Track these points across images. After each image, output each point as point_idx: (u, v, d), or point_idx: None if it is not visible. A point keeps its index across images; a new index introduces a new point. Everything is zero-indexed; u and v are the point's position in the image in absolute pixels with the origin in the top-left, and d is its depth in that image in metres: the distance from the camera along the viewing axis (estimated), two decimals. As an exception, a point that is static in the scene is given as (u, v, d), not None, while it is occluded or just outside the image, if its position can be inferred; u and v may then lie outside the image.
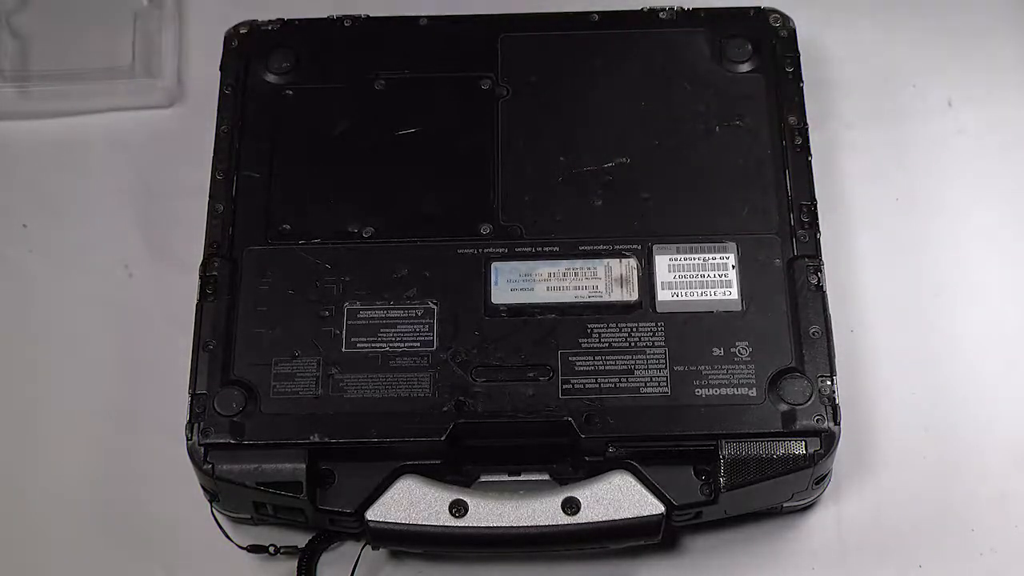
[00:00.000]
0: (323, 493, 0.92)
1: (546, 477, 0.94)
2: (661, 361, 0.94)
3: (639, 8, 1.07)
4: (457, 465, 0.93)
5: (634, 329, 0.95)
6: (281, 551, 0.96)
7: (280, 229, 0.99)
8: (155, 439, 0.99)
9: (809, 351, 0.94)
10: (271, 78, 1.04)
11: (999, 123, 1.10)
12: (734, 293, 0.96)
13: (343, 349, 0.95)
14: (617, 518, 0.91)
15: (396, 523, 0.91)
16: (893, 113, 1.11)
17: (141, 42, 1.13)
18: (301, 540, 0.96)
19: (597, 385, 0.93)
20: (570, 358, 0.94)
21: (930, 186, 1.08)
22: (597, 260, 0.97)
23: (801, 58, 1.04)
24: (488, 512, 0.91)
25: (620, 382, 0.93)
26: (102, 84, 1.12)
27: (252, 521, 0.96)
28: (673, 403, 0.92)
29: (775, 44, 1.04)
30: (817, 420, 0.92)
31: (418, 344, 0.95)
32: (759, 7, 1.06)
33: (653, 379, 0.93)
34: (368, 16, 1.07)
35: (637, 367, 0.94)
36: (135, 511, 0.99)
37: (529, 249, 0.98)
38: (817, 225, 0.98)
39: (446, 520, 0.91)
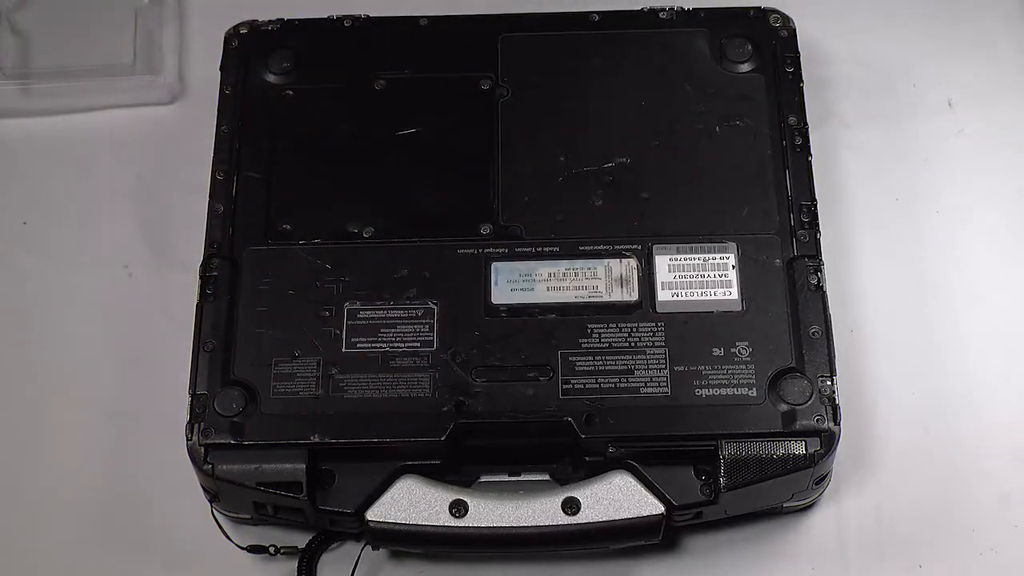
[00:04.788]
0: (323, 493, 0.92)
1: (546, 477, 0.94)
2: (661, 361, 0.94)
3: (639, 8, 1.07)
4: (457, 465, 0.93)
5: (634, 329, 0.95)
6: (281, 551, 0.96)
7: (280, 229, 0.99)
8: (155, 439, 0.99)
9: (809, 351, 0.94)
10: (271, 78, 1.04)
11: (999, 123, 1.10)
12: (734, 293, 0.96)
13: (343, 349, 0.95)
14: (617, 518, 0.91)
15: (396, 523, 0.91)
16: (893, 113, 1.11)
17: (142, 39, 1.14)
18: (301, 540, 0.96)
19: (597, 385, 0.93)
20: (570, 358, 0.94)
21: (930, 186, 1.08)
22: (597, 260, 0.97)
23: (801, 58, 1.04)
24: (488, 512, 0.91)
25: (620, 382, 0.93)
26: (103, 81, 1.12)
27: (252, 521, 0.96)
28: (673, 403, 0.93)
29: (775, 44, 1.04)
30: (817, 420, 0.92)
31: (418, 344, 0.95)
32: (759, 7, 1.06)
33: (653, 379, 0.93)
34: (368, 16, 1.07)
35: (637, 367, 0.94)
36: (135, 511, 0.99)
37: (529, 249, 0.98)
38: (817, 225, 0.98)
39: (446, 520, 0.91)
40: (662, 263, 0.97)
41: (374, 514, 0.91)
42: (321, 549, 0.96)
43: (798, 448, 0.91)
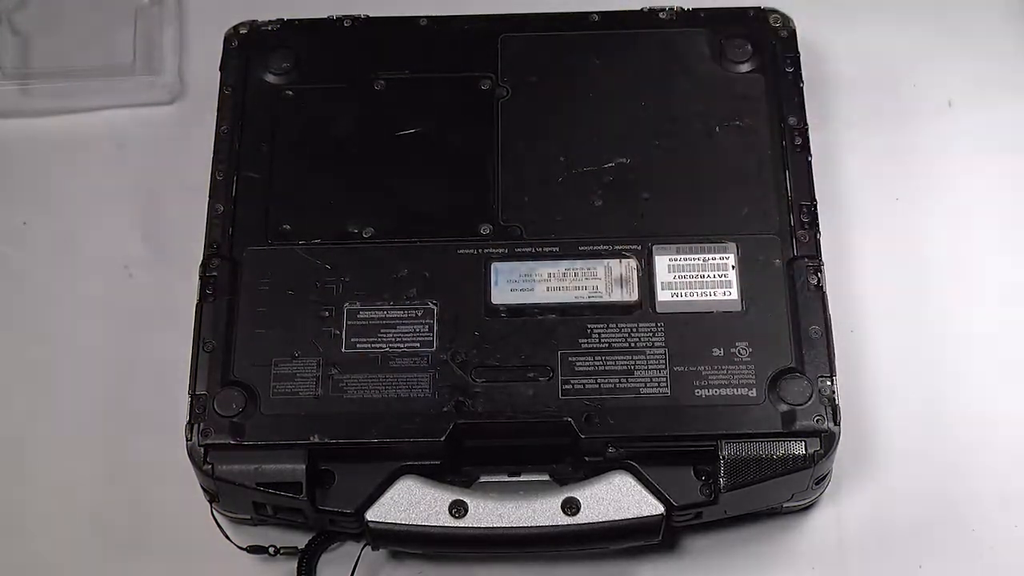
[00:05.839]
0: (323, 493, 0.92)
1: (546, 477, 0.94)
2: (661, 361, 0.94)
3: (639, 8, 1.07)
4: (457, 465, 0.93)
5: (634, 329, 0.95)
6: (281, 552, 0.96)
7: (280, 229, 0.99)
8: (155, 439, 0.99)
9: (809, 351, 0.94)
10: (271, 78, 1.04)
11: (999, 123, 1.10)
12: (734, 293, 0.96)
13: (343, 349, 0.95)
14: (617, 518, 0.91)
15: (396, 523, 0.91)
16: (893, 113, 1.11)
17: (142, 39, 1.14)
18: (301, 541, 0.96)
19: (597, 385, 0.93)
20: (570, 358, 0.94)
21: (930, 186, 1.08)
22: (597, 260, 0.97)
23: (801, 58, 1.04)
24: (488, 513, 0.91)
25: (620, 382, 0.93)
26: (103, 81, 1.12)
27: (252, 522, 0.96)
28: (673, 403, 0.93)
29: (775, 44, 1.04)
30: (817, 420, 0.92)
31: (418, 344, 0.95)
32: (759, 7, 1.06)
33: (653, 379, 0.93)
34: (368, 16, 1.07)
35: (637, 367, 0.94)
36: (135, 511, 0.99)
37: (529, 249, 0.98)
38: (817, 225, 0.98)
39: (446, 521, 0.91)
40: (662, 263, 0.97)
41: (374, 514, 0.91)
42: (321, 549, 0.96)
43: (798, 448, 0.91)
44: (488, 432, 0.93)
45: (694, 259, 0.97)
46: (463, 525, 0.91)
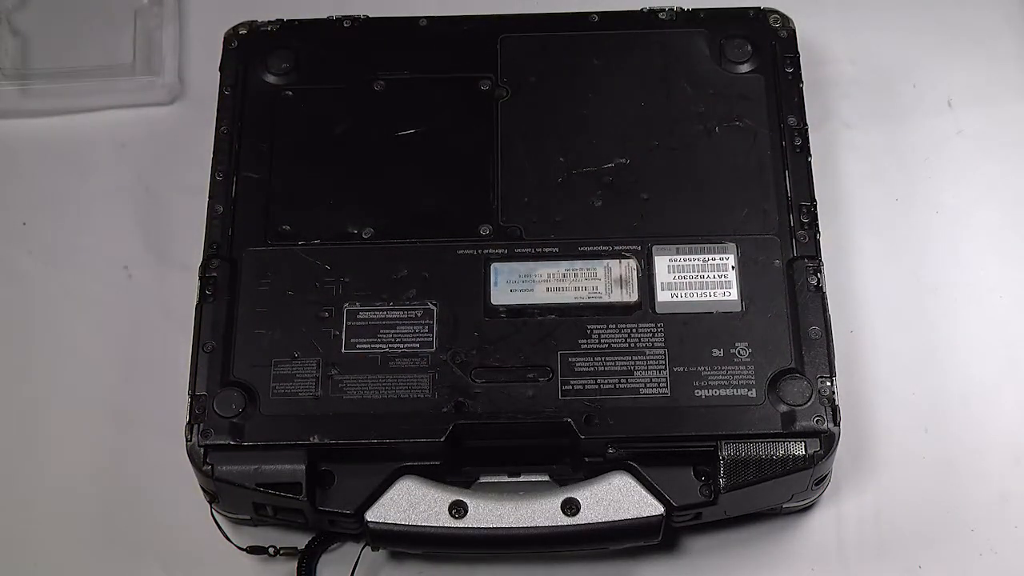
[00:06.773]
0: (323, 494, 0.92)
1: (546, 478, 0.94)
2: (661, 362, 0.94)
3: (639, 8, 1.07)
4: (457, 466, 0.94)
5: (634, 330, 0.95)
6: (281, 552, 0.96)
7: (280, 230, 0.99)
8: (155, 439, 0.99)
9: (809, 352, 0.94)
10: (271, 79, 1.04)
11: (999, 123, 1.10)
12: (734, 294, 0.96)
13: (343, 350, 0.95)
14: (617, 519, 0.91)
15: (396, 524, 0.91)
16: (893, 113, 1.11)
17: (141, 39, 1.14)
18: (301, 541, 0.96)
19: (597, 386, 0.93)
20: (570, 359, 0.94)
21: (930, 186, 1.08)
22: (597, 261, 0.97)
23: (801, 58, 1.04)
24: (488, 513, 0.91)
25: (620, 383, 0.93)
26: (102, 82, 1.12)
27: (252, 522, 0.96)
28: (673, 404, 0.93)
29: (775, 44, 1.04)
30: (817, 421, 0.92)
31: (418, 345, 0.95)
32: (759, 7, 1.06)
33: (653, 380, 0.93)
34: (368, 16, 1.07)
35: (637, 368, 0.94)
36: (135, 511, 0.99)
37: (529, 250, 0.98)
38: (817, 226, 0.98)
39: (446, 521, 0.91)
40: (661, 264, 0.97)
41: (374, 515, 0.91)
42: (321, 550, 0.96)
43: (798, 449, 0.91)
44: (488, 433, 0.93)
45: (694, 259, 0.97)
46: (463, 525, 0.91)
